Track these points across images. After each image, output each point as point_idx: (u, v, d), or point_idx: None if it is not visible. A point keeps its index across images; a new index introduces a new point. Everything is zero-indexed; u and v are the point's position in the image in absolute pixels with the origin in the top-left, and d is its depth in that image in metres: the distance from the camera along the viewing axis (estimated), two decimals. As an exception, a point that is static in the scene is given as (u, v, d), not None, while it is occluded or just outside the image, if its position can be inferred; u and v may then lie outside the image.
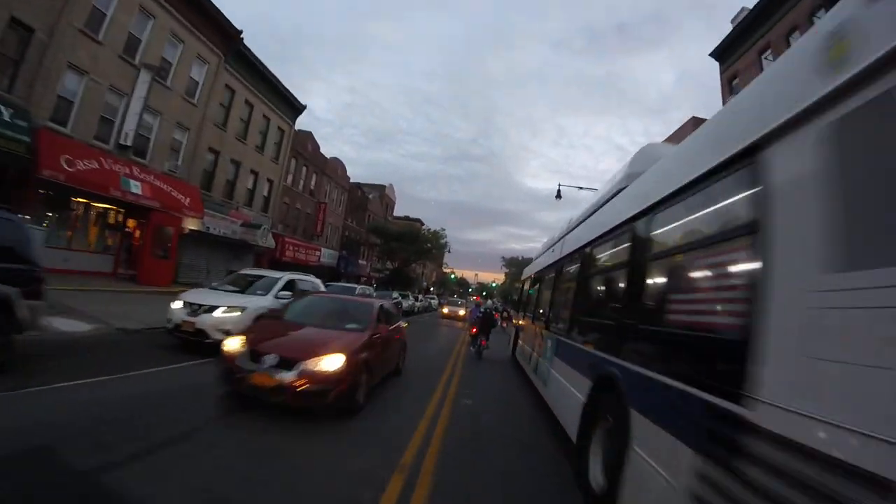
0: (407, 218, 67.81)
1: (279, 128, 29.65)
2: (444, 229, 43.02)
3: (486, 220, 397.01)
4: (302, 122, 52.92)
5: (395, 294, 31.36)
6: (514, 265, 57.01)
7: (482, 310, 15.97)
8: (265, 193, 29.37)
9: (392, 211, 63.70)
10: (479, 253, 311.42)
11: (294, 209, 33.19)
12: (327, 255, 38.50)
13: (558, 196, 24.03)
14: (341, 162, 41.08)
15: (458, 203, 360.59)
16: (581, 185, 61.44)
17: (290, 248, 31.23)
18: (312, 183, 35.75)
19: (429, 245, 43.55)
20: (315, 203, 35.90)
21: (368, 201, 48.65)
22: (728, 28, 21.51)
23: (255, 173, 27.78)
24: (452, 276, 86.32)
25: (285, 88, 29.09)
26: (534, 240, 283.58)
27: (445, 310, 37.34)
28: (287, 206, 32.29)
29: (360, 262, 45.89)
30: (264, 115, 27.89)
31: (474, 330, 15.46)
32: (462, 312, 34.96)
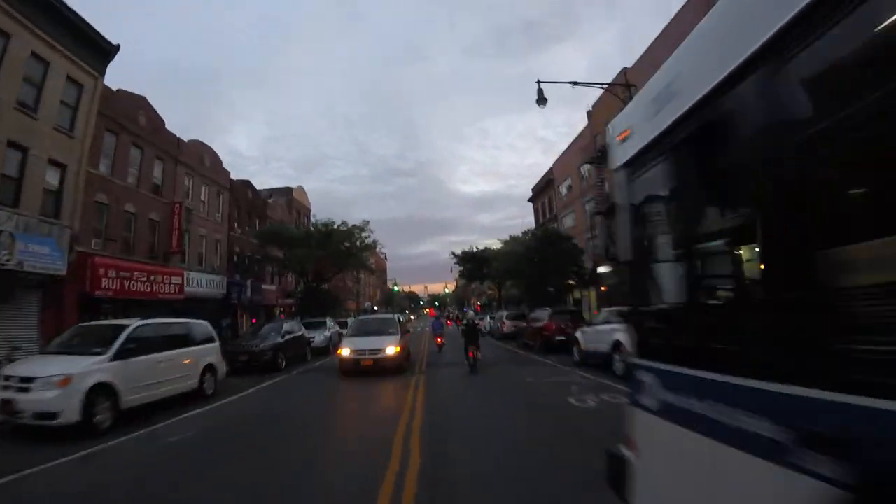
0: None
1: (72, 79, 17.51)
2: (366, 222, 31.66)
3: (426, 231, 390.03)
4: (229, 163, 38.57)
5: (290, 325, 19.80)
6: (469, 260, 46.22)
7: (465, 322, 20.44)
8: (55, 185, 17.10)
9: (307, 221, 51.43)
10: (424, 266, 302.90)
11: (121, 213, 20.79)
12: (204, 283, 26.07)
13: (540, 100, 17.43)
14: (211, 150, 28.86)
15: (395, 220, 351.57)
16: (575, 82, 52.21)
17: (112, 274, 18.85)
18: (156, 174, 23.43)
19: (346, 245, 31.87)
20: (166, 205, 23.55)
21: (268, 206, 36.46)
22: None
23: (20, 149, 15.54)
24: (395, 288, 73.37)
25: (81, 19, 17.25)
26: (476, 243, 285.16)
27: (346, 351, 14.98)
28: (103, 209, 19.90)
29: (265, 286, 33.57)
30: (36, 55, 15.82)
31: (439, 340, 23.04)
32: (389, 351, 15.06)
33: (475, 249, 46.14)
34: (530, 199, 48.63)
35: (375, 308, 71.46)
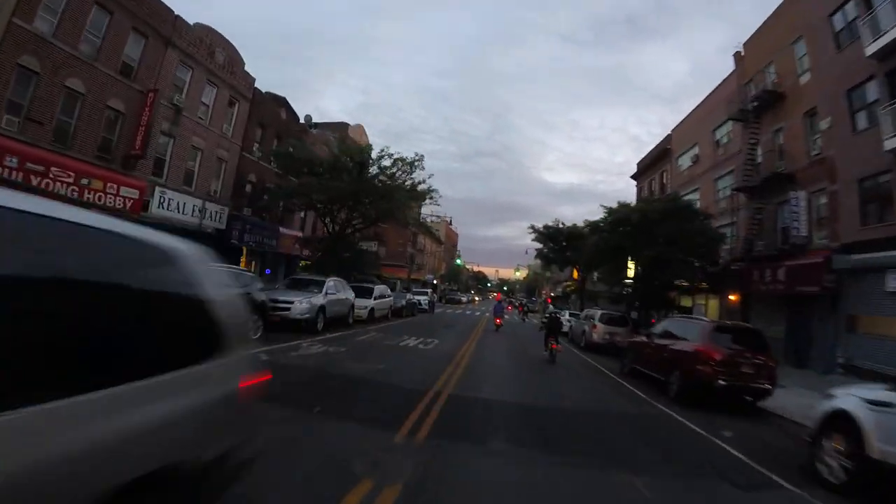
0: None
1: None
2: (420, 156, 24.52)
3: (504, 215, 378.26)
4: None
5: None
6: (552, 237, 37.35)
7: (548, 314, 19.23)
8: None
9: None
10: (498, 250, 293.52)
11: (59, 89, 14.99)
12: (186, 208, 20.23)
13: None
14: (229, 44, 22.69)
15: (475, 200, 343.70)
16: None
17: (12, 161, 13.02)
18: (132, 52, 17.50)
19: (384, 180, 24.34)
20: (137, 94, 17.60)
21: (307, 135, 30.21)
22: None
23: None
24: (459, 260, 64.05)
25: None
26: (562, 220, 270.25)
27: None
28: (30, 78, 14.13)
29: (285, 230, 27.48)
30: None
31: (498, 321, 24.29)
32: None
33: (560, 225, 36.95)
34: (634, 176, 38.76)
35: (434, 282, 64.83)
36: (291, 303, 13.64)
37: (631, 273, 22.96)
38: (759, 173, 20.31)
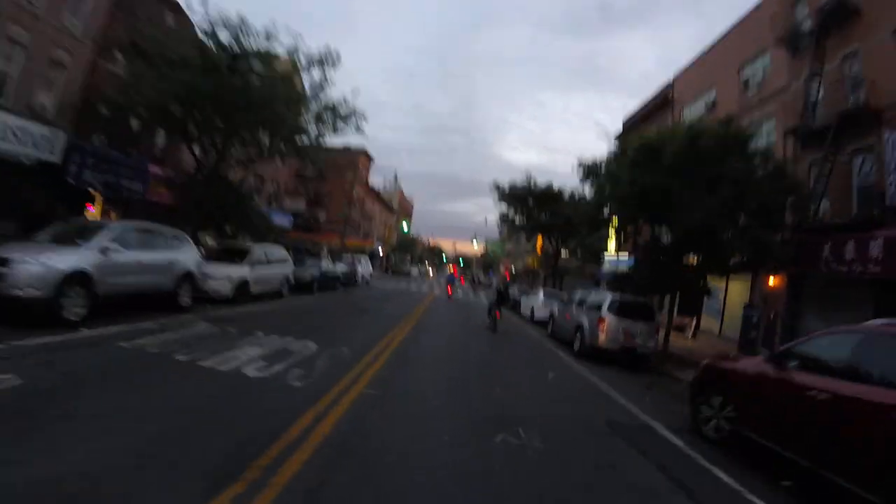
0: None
1: None
2: (332, 53, 16.03)
3: (465, 191, 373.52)
4: None
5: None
6: (520, 199, 30.79)
7: (497, 288, 18.24)
8: None
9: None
10: (457, 225, 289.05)
11: None
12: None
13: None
14: None
15: (436, 174, 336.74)
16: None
17: None
18: None
19: (263, 78, 16.26)
20: None
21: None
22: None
23: None
24: (406, 228, 55.88)
25: None
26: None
27: None
28: None
29: (156, 169, 19.68)
30: None
31: (450, 290, 25.74)
32: None
33: (531, 184, 29.98)
34: (619, 137, 33.03)
35: (380, 252, 58.04)
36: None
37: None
38: (811, 113, 14.83)
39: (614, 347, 12.17)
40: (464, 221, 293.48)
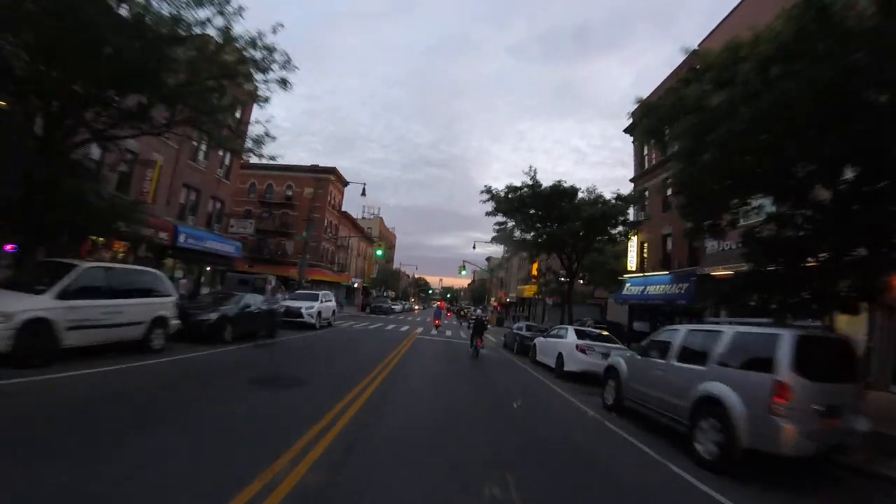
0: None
1: None
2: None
3: (449, 225, 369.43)
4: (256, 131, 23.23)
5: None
6: (520, 204, 23.39)
7: (473, 317, 21.88)
8: None
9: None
10: (443, 259, 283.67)
11: None
12: None
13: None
14: None
15: (420, 208, 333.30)
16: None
17: None
18: None
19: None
20: None
21: None
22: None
23: None
24: (380, 252, 47.26)
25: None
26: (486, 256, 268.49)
27: None
28: None
29: None
30: None
31: (437, 322, 28.61)
32: None
33: (534, 183, 21.79)
34: (628, 130, 27.80)
35: (356, 286, 51.41)
36: None
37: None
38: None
39: (808, 449, 5.66)
40: (449, 254, 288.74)
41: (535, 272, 47.31)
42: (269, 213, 48.57)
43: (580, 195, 20.55)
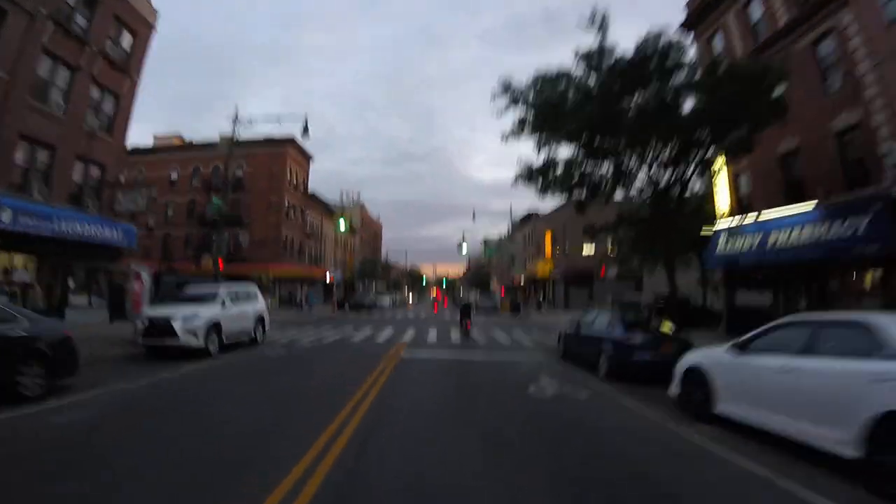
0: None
1: None
2: None
3: (437, 215, 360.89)
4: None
5: None
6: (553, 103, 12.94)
7: (462, 302, 23.14)
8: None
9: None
10: (433, 249, 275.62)
11: None
12: None
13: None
14: None
15: (406, 202, 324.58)
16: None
17: None
18: None
19: None
20: None
21: None
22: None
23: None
24: (343, 223, 36.65)
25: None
26: (491, 227, 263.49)
27: None
28: None
29: None
30: None
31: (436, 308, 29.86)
32: None
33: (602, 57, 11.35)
34: (689, 24, 19.01)
35: (329, 279, 42.05)
36: None
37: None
38: None
39: None
40: (440, 244, 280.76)
41: (548, 246, 38.84)
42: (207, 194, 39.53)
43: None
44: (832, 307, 11.86)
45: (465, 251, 31.40)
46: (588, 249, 34.80)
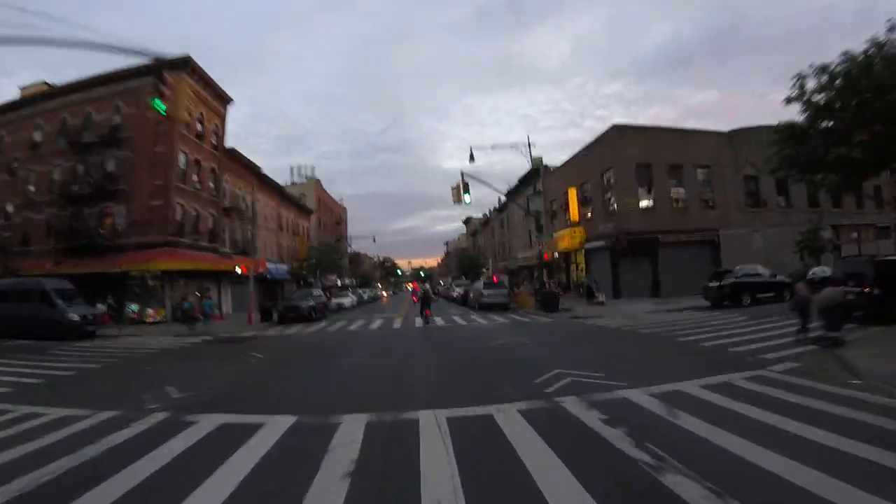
0: None
1: None
2: None
3: (411, 207, 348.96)
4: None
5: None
6: None
7: (422, 292, 20.78)
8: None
9: None
10: (409, 241, 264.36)
11: None
12: None
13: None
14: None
15: (379, 195, 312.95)
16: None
17: None
18: None
19: None
20: None
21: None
22: None
23: None
24: (157, 102, 25.79)
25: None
26: (458, 218, 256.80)
27: None
28: None
29: None
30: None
31: (415, 298, 24.28)
32: None
33: None
34: None
35: (238, 269, 29.29)
36: None
37: None
38: None
39: None
40: (414, 236, 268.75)
41: (573, 207, 26.79)
42: (84, 165, 26.16)
43: None
44: None
45: (467, 200, 19.13)
46: (646, 202, 23.04)
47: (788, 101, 12.66)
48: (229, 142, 32.23)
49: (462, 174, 20.63)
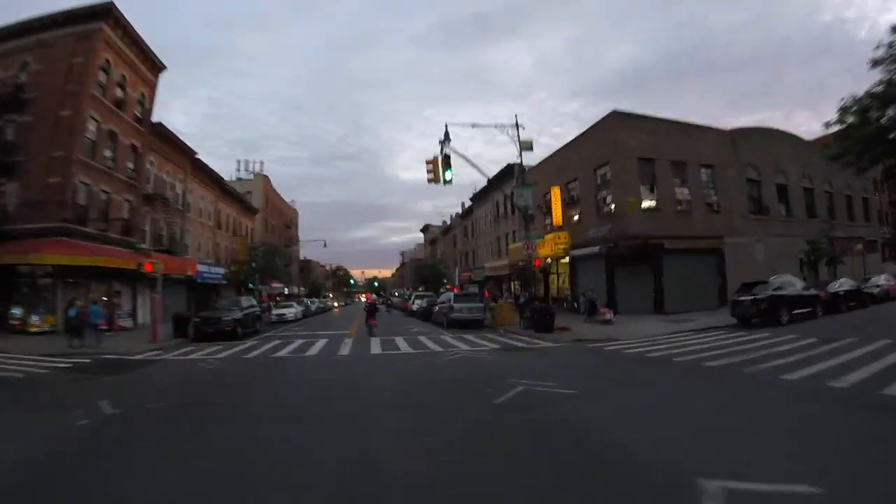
0: None
1: None
2: None
3: (367, 217, 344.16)
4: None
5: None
6: None
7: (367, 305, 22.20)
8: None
9: None
10: (364, 251, 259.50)
11: None
12: None
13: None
14: None
15: (337, 204, 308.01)
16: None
17: None
18: None
19: None
20: None
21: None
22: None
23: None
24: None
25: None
26: (412, 230, 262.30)
27: None
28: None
29: None
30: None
31: (373, 322, 19.92)
32: None
33: None
34: None
35: (143, 266, 24.53)
36: None
37: None
38: None
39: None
40: (369, 245, 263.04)
41: (557, 209, 23.91)
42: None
43: None
44: None
45: (448, 177, 15.08)
46: (649, 202, 20.36)
47: (874, 63, 11.48)
48: (193, 144, 27.36)
49: (441, 143, 16.04)
